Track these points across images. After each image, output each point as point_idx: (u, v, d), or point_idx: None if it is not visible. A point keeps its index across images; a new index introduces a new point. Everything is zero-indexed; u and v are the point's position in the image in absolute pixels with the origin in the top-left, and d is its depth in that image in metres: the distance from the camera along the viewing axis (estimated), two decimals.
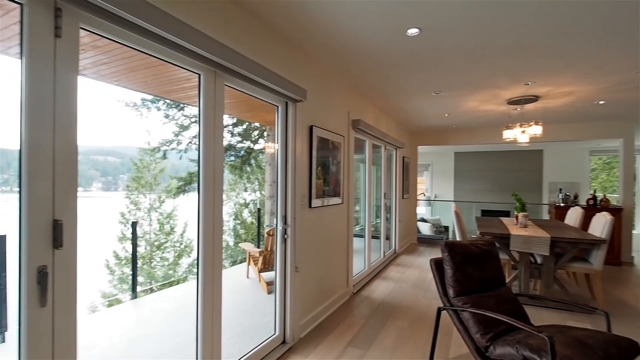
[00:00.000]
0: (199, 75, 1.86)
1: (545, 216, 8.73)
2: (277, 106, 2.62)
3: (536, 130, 4.29)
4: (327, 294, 3.30)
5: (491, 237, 3.47)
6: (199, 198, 1.86)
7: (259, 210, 8.83)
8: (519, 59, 2.96)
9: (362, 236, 4.69)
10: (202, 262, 1.86)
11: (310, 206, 2.93)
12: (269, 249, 4.07)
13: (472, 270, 2.25)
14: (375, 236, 5.34)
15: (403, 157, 6.51)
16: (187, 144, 8.47)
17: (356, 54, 2.87)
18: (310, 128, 2.93)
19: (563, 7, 2.08)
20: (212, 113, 1.91)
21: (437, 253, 6.27)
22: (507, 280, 3.91)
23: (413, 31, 2.41)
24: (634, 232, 6.15)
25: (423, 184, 10.92)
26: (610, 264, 5.49)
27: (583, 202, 6.45)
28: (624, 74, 3.32)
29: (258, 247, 5.30)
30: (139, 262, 8.31)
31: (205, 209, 1.86)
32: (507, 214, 9.27)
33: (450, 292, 2.20)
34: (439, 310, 2.22)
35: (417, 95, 4.22)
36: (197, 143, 1.88)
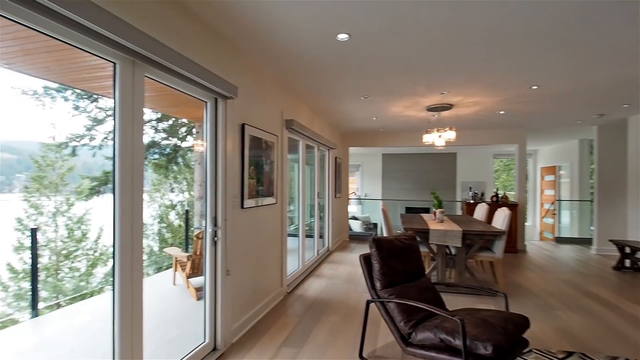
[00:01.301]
0: (114, 64, 1.68)
1: (459, 212, 9.79)
2: (206, 102, 2.50)
3: (450, 135, 4.78)
4: (261, 296, 3.26)
5: (413, 232, 3.77)
6: (114, 200, 1.68)
7: (187, 212, 8.30)
8: (435, 70, 3.27)
9: (296, 235, 4.72)
10: (120, 271, 1.69)
11: (242, 207, 2.85)
12: (198, 253, 3.86)
13: (397, 263, 2.42)
14: (310, 235, 5.42)
15: (335, 158, 6.71)
16: (103, 140, 7.58)
17: (288, 54, 2.87)
18: (242, 126, 2.86)
19: (471, 28, 2.36)
20: (130, 106, 1.74)
21: (367, 249, 6.61)
22: (427, 271, 4.28)
23: (343, 36, 2.50)
24: (526, 224, 7.24)
25: (354, 184, 11.40)
26: (509, 252, 6.37)
27: (488, 198, 7.38)
28: (519, 88, 3.88)
29: (186, 252, 4.99)
30: (42, 275, 7.20)
31: (122, 212, 1.69)
32: (427, 210, 10.16)
33: (378, 284, 2.34)
34: (368, 302, 2.35)
35: (348, 99, 4.40)
36: (113, 139, 1.70)
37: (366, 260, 2.45)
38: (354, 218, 9.06)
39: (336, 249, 6.67)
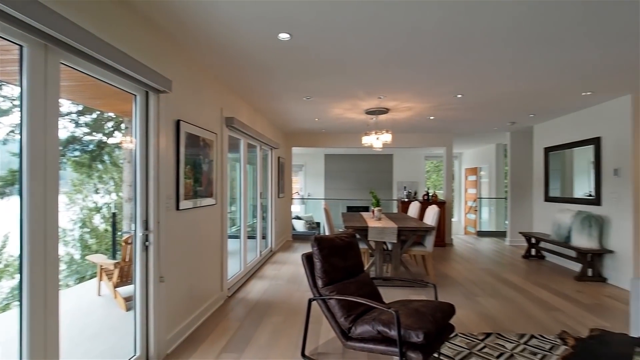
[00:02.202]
0: (21, 47, 1.47)
1: (395, 210, 10.38)
2: (135, 95, 2.30)
3: (387, 137, 5.05)
4: (199, 301, 3.10)
5: (352, 230, 3.90)
6: (22, 203, 1.47)
7: (114, 215, 7.57)
8: (373, 75, 3.42)
9: (238, 237, 4.59)
10: (29, 284, 1.48)
11: (178, 208, 2.69)
12: (127, 260, 3.55)
13: (338, 261, 2.49)
14: (252, 236, 5.31)
15: (278, 158, 6.67)
16: (8, 134, 6.56)
17: (229, 51, 2.78)
18: (177, 123, 2.69)
19: (406, 38, 2.52)
20: (42, 96, 1.54)
21: (310, 248, 6.67)
22: (366, 266, 4.47)
23: (284, 36, 2.50)
24: (453, 220, 7.94)
25: (297, 184, 11.45)
26: (438, 245, 6.93)
27: (420, 197, 7.94)
28: (446, 96, 4.24)
29: (114, 259, 4.55)
30: None
31: (32, 217, 1.48)
32: (367, 209, 10.61)
33: (319, 282, 2.38)
34: (310, 301, 2.37)
35: (290, 99, 4.40)
36: (20, 133, 1.49)
37: (308, 259, 2.48)
38: (298, 218, 9.10)
39: (279, 249, 6.63)
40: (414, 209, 5.91)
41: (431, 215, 4.61)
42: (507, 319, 3.21)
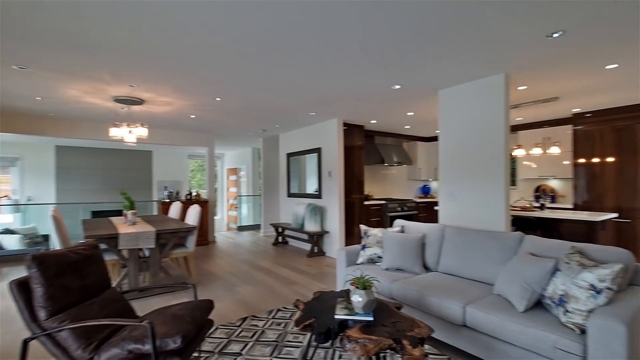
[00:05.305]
0: None
1: (156, 211, 9.53)
2: None
3: (142, 131, 4.56)
4: None
5: (95, 239, 3.28)
6: None
7: None
8: (121, 56, 2.98)
9: None
10: None
11: None
12: None
13: (72, 281, 2.01)
14: None
15: None
16: None
17: None
18: None
19: (151, 28, 2.36)
20: None
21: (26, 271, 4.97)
22: (118, 279, 3.87)
23: None
24: (216, 217, 8.21)
25: (9, 184, 8.26)
26: (201, 244, 6.98)
27: (183, 197, 7.70)
28: (206, 97, 4.32)
29: None
30: None
31: None
32: (120, 213, 9.12)
33: (42, 314, 1.83)
34: (25, 342, 1.79)
35: None
36: None
37: (21, 286, 1.85)
38: (9, 232, 6.56)
39: None
40: (175, 209, 5.65)
41: (193, 215, 4.57)
42: (260, 300, 3.68)
